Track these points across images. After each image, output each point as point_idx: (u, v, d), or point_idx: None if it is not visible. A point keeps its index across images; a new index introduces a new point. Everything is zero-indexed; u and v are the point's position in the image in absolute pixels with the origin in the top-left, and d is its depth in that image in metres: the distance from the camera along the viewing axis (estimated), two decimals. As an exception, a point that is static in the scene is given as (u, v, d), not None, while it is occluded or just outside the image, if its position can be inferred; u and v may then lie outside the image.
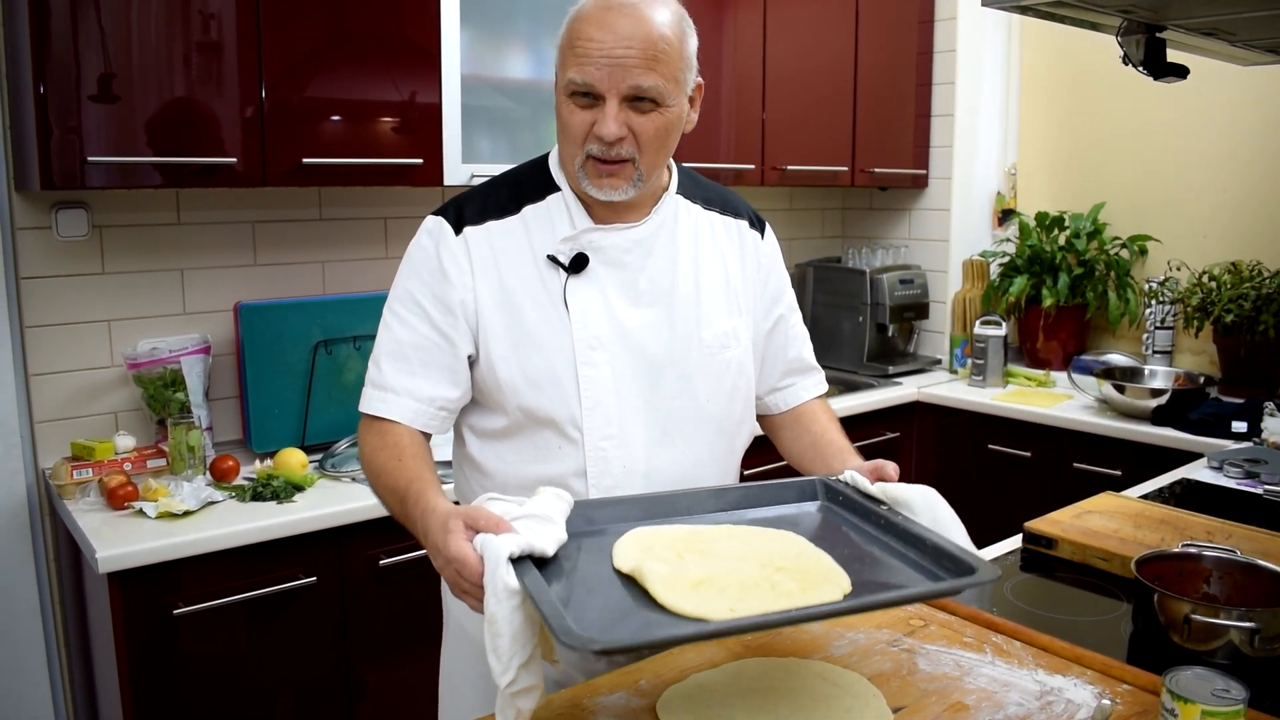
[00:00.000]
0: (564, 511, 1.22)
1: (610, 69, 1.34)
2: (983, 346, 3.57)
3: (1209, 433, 2.86)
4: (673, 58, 1.38)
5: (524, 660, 1.07)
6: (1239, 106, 3.38)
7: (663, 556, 1.18)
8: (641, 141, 1.39)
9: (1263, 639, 1.34)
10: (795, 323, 1.70)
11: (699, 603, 1.08)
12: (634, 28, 1.34)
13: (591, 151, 1.39)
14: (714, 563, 1.18)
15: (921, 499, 1.32)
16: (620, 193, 1.42)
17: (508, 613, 1.06)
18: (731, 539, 1.27)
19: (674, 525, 1.31)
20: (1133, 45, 1.91)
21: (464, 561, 1.13)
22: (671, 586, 1.11)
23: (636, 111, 1.37)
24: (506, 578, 1.06)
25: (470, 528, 1.15)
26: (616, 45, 1.34)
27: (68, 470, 2.27)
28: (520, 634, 1.06)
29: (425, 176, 2.57)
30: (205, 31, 2.24)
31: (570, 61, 1.37)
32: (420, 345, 1.46)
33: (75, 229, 2.44)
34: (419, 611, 2.28)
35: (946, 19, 3.82)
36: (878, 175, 3.76)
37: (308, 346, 2.63)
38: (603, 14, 1.36)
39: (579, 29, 1.37)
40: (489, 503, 1.19)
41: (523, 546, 1.11)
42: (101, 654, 2.21)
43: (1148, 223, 3.65)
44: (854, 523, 1.36)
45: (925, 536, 1.24)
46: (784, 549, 1.24)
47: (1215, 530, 1.85)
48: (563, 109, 1.40)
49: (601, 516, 1.30)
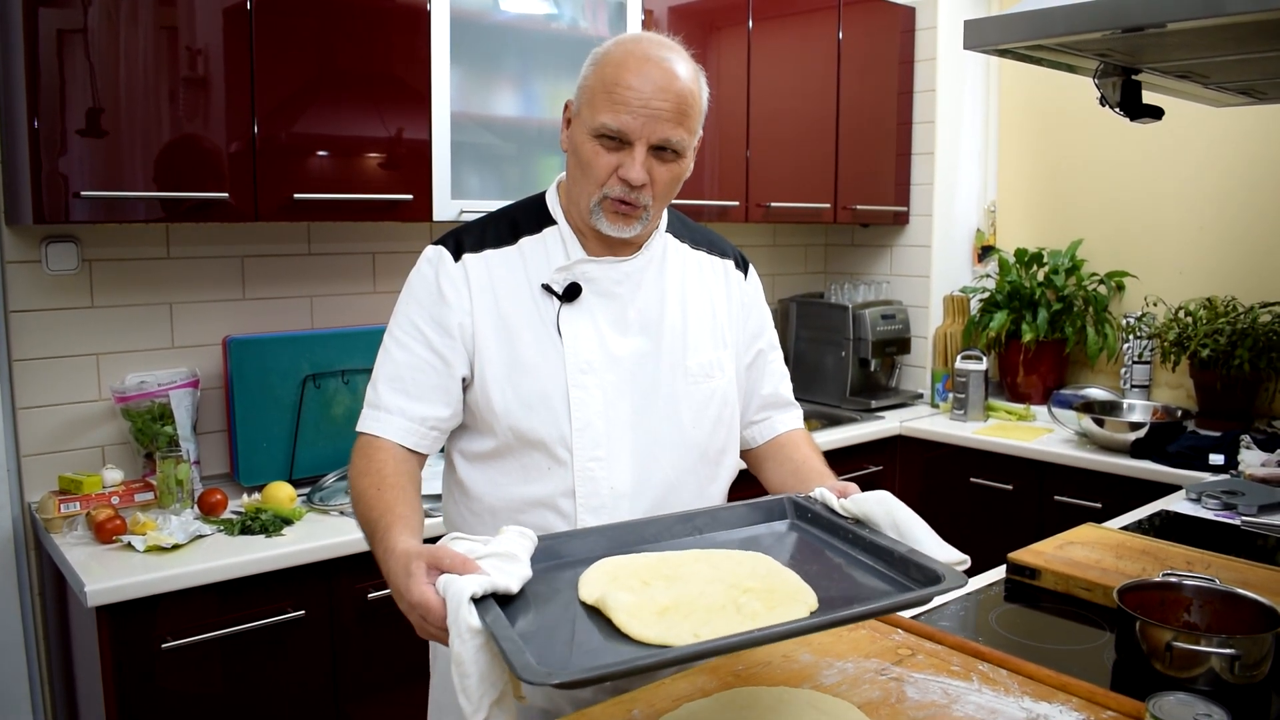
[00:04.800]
0: (528, 549, 1.22)
1: (646, 119, 1.40)
2: (964, 381, 3.61)
3: (1187, 465, 2.90)
4: (696, 114, 1.46)
5: (495, 698, 1.07)
6: (1213, 146, 3.45)
7: (628, 585, 1.19)
8: (657, 190, 1.46)
9: (1243, 665, 1.37)
10: (775, 359, 1.74)
11: (663, 630, 1.09)
12: (668, 81, 1.41)
13: (611, 193, 1.44)
14: (681, 588, 1.19)
15: (879, 508, 1.34)
16: (630, 230, 1.48)
17: (472, 653, 1.06)
18: (700, 563, 1.27)
19: (642, 554, 1.31)
20: (1109, 87, 1.95)
21: (426, 606, 1.13)
22: (635, 615, 1.12)
23: (659, 160, 1.44)
24: (469, 618, 1.06)
25: (434, 568, 1.16)
26: (654, 97, 1.40)
27: (55, 504, 2.27)
28: (488, 673, 1.07)
29: (415, 212, 2.60)
30: (199, 68, 2.27)
31: (604, 106, 1.41)
32: (416, 366, 1.50)
33: (65, 263, 2.45)
34: (408, 645, 2.27)
35: (926, 59, 3.89)
36: (860, 212, 3.81)
37: (296, 380, 2.64)
38: (641, 64, 1.41)
39: (616, 75, 1.41)
40: (453, 543, 1.19)
41: (485, 586, 1.10)
42: (87, 688, 2.20)
43: (1125, 259, 3.71)
44: (823, 539, 1.37)
45: (893, 549, 1.26)
46: (752, 570, 1.25)
47: (1195, 560, 1.88)
48: (585, 148, 1.45)
49: (568, 550, 1.30)
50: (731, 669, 1.41)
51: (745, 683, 1.37)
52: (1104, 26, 1.59)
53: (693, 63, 1.48)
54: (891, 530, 1.31)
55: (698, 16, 3.26)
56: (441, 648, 1.62)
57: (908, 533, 1.30)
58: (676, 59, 1.44)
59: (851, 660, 1.44)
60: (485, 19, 2.71)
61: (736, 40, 3.34)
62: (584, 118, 1.45)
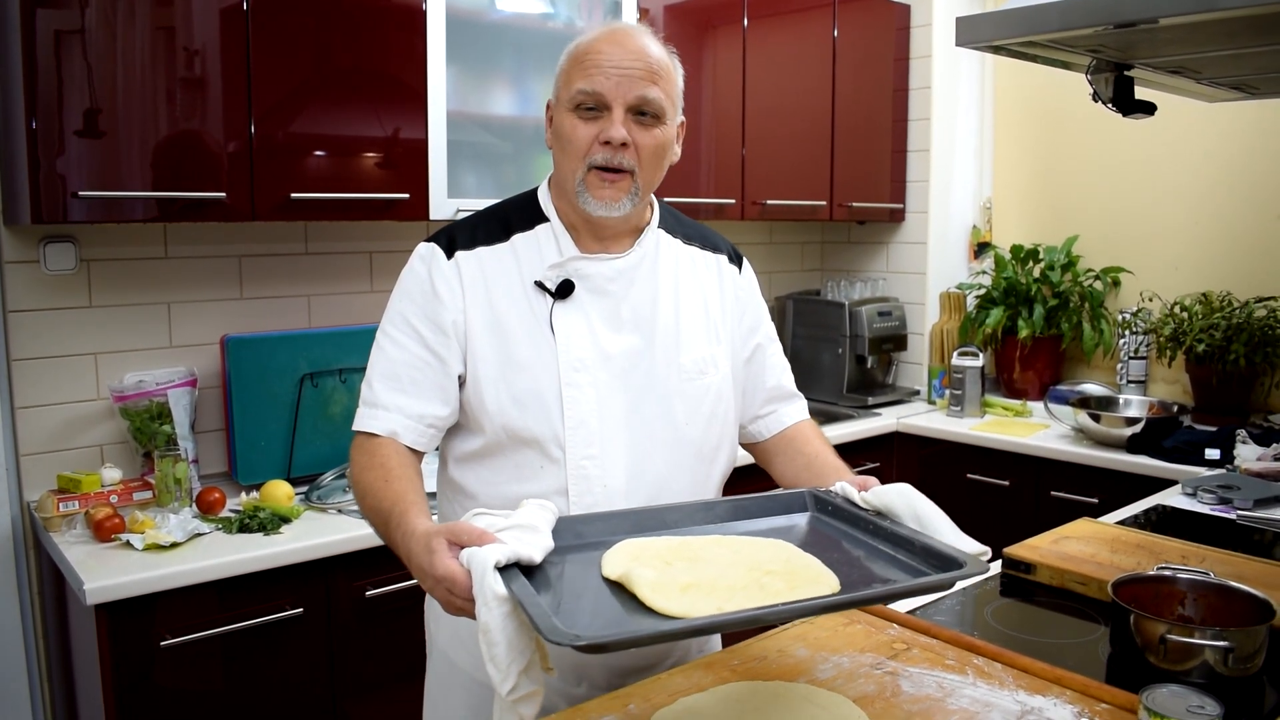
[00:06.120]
0: (549, 521, 1.24)
1: (620, 79, 1.43)
2: (960, 377, 3.62)
3: (1183, 460, 2.91)
4: (670, 81, 1.49)
5: (523, 666, 1.09)
6: (1207, 142, 3.46)
7: (651, 564, 1.20)
8: (642, 155, 1.46)
9: (1236, 658, 1.37)
10: (774, 352, 1.73)
11: (687, 604, 1.10)
12: (640, 47, 1.46)
13: (595, 162, 1.45)
14: (703, 569, 1.20)
15: (900, 500, 1.36)
16: (619, 207, 1.47)
17: (499, 620, 1.07)
18: (721, 547, 1.29)
19: (664, 538, 1.32)
20: (1102, 83, 1.96)
21: (452, 579, 1.14)
22: (659, 590, 1.13)
23: (639, 125, 1.46)
24: (494, 585, 1.08)
25: (454, 544, 1.17)
26: (625, 58, 1.44)
27: (54, 503, 2.28)
28: (515, 640, 1.08)
29: (411, 211, 2.60)
30: (196, 68, 2.27)
31: (578, 75, 1.45)
32: (412, 364, 1.49)
33: (63, 263, 2.45)
34: (406, 641, 2.28)
35: (922, 56, 3.90)
36: (856, 209, 3.82)
37: (294, 379, 2.64)
38: (609, 33, 1.47)
39: (587, 46, 1.47)
40: (475, 518, 1.21)
41: (508, 555, 1.12)
42: (86, 687, 2.20)
43: (1120, 255, 3.72)
44: (843, 530, 1.38)
45: (914, 538, 1.27)
46: (773, 555, 1.26)
47: (1190, 554, 1.89)
48: (565, 123, 1.47)
49: (590, 531, 1.32)
50: (728, 664, 1.42)
51: (741, 677, 1.37)
52: (1096, 22, 1.59)
53: (666, 45, 1.52)
54: (913, 521, 1.33)
55: (693, 14, 3.27)
56: (440, 643, 1.64)
57: (929, 523, 1.32)
58: (648, 37, 1.49)
59: (847, 654, 1.44)
60: (481, 18, 2.72)
61: (732, 38, 3.35)
62: (562, 98, 1.49)
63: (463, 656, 1.58)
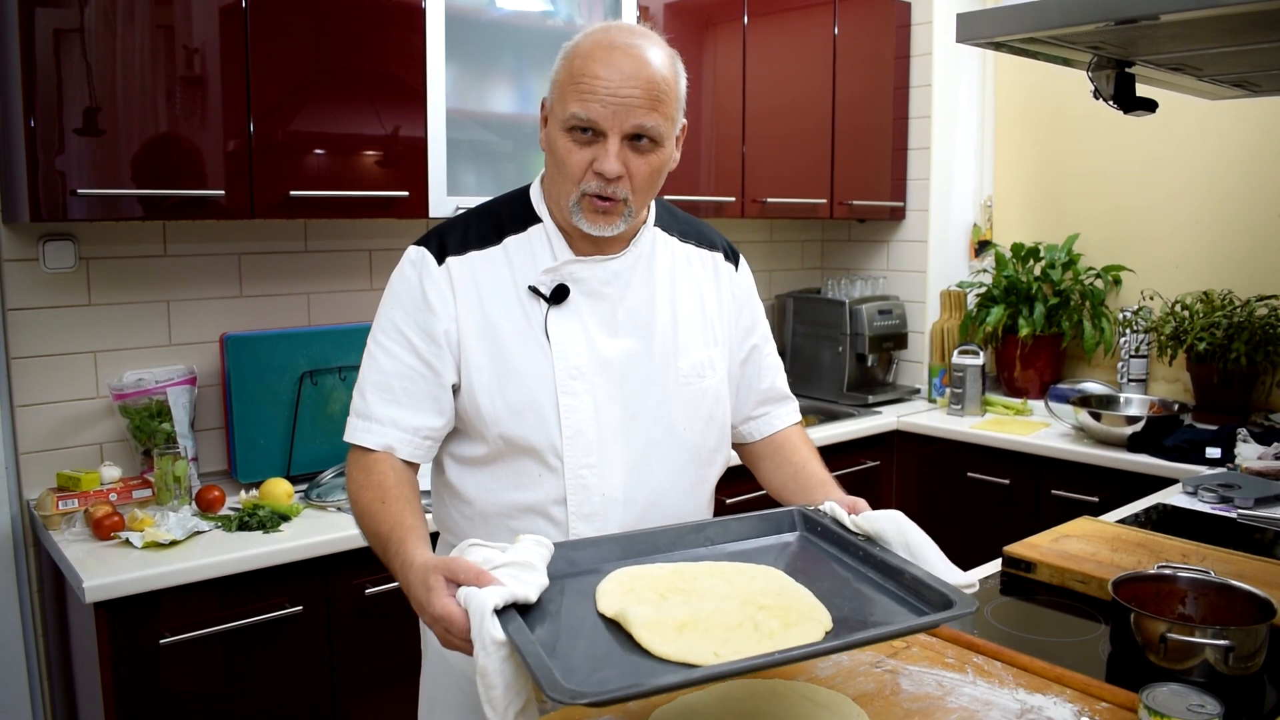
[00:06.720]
0: (545, 558, 1.23)
1: (616, 108, 1.36)
2: (961, 376, 3.61)
3: (1184, 459, 2.91)
4: (671, 99, 1.41)
5: (520, 707, 1.08)
6: (1209, 140, 3.45)
7: (646, 598, 1.20)
8: (636, 182, 1.41)
9: (1236, 657, 1.37)
10: (769, 353, 1.72)
11: (683, 647, 1.11)
12: (638, 68, 1.37)
13: (589, 190, 1.40)
14: (697, 603, 1.21)
15: (892, 526, 1.34)
16: (612, 228, 1.44)
17: (497, 664, 1.07)
18: (714, 576, 1.29)
19: (656, 564, 1.32)
20: (1103, 80, 1.96)
21: (450, 619, 1.14)
22: (655, 631, 1.13)
23: (635, 151, 1.40)
24: (493, 630, 1.07)
25: (451, 581, 1.16)
26: (622, 85, 1.36)
27: (53, 501, 2.28)
28: (513, 683, 1.08)
29: (411, 209, 2.60)
30: (195, 66, 2.27)
31: (572, 97, 1.37)
32: (404, 375, 1.47)
33: (62, 261, 2.45)
34: (406, 639, 2.27)
35: (922, 54, 3.89)
36: (856, 208, 3.82)
37: (293, 377, 2.64)
38: (607, 52, 1.37)
39: (582, 65, 1.37)
40: (470, 549, 1.20)
41: (505, 597, 1.12)
42: (85, 685, 2.20)
43: (1121, 253, 3.71)
44: (833, 554, 1.38)
45: (904, 569, 1.26)
46: (765, 586, 1.26)
47: (1190, 553, 1.88)
48: (559, 144, 1.41)
49: (583, 558, 1.32)
50: (727, 662, 1.41)
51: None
52: (1097, 19, 1.59)
53: (667, 48, 1.43)
54: (903, 550, 1.31)
55: (693, 12, 3.26)
56: (433, 642, 1.63)
57: (919, 553, 1.30)
58: (647, 45, 1.40)
59: (846, 653, 1.44)
60: (480, 16, 2.72)
61: (732, 36, 3.35)
62: (556, 113, 1.42)
63: (457, 656, 1.57)
